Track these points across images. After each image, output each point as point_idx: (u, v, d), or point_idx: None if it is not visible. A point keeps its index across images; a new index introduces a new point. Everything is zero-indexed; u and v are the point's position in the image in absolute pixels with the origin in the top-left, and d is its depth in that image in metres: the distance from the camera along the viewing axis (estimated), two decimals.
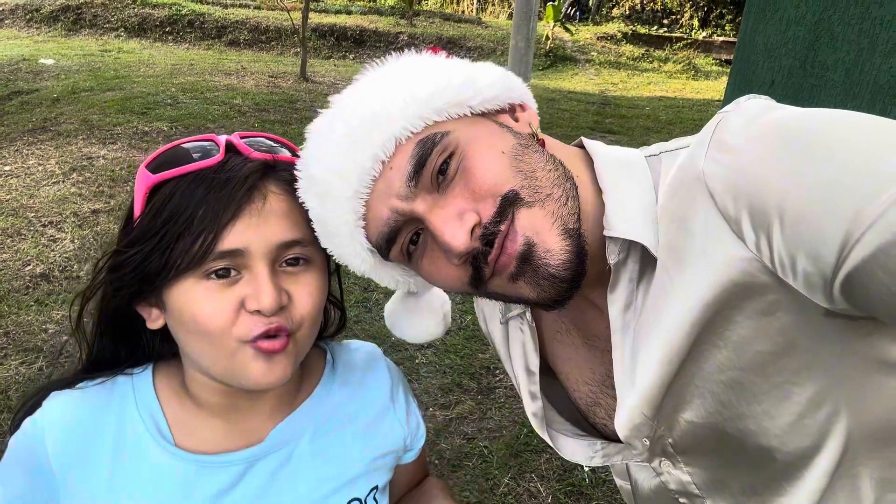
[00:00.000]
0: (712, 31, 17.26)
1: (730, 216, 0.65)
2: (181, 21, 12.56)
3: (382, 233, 0.76)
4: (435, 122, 0.74)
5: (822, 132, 0.60)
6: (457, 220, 0.72)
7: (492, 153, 0.73)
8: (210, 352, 0.76)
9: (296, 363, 0.80)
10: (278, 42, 12.41)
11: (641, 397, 0.78)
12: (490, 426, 2.73)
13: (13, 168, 5.15)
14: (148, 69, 9.06)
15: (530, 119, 0.83)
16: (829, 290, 0.59)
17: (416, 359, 3.16)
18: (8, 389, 2.77)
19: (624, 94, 11.04)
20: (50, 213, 4.43)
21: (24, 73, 8.29)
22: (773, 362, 0.68)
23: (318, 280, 0.81)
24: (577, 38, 14.79)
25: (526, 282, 0.73)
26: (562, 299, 0.74)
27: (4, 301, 3.42)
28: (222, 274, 0.74)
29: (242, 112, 7.08)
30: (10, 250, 3.96)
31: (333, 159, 0.75)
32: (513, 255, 0.72)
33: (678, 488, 0.85)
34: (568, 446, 0.94)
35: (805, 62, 2.58)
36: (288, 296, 0.77)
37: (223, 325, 0.74)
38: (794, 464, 0.73)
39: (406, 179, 0.73)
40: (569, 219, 0.73)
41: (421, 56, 0.81)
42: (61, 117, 6.32)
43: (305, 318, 0.79)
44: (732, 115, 0.68)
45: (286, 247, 0.77)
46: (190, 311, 0.74)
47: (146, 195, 0.77)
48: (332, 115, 0.78)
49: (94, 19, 12.36)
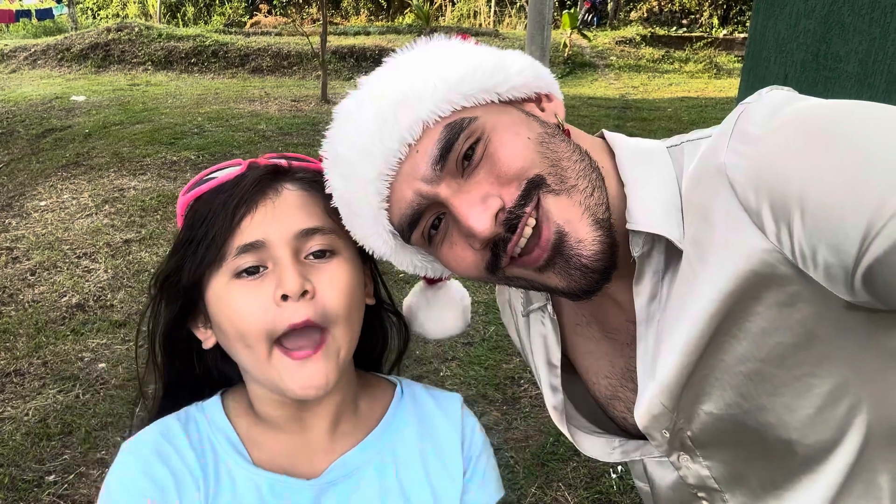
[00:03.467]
0: (733, 28, 17.06)
1: (751, 208, 0.64)
2: (205, 52, 12.87)
3: (405, 215, 0.76)
4: (463, 107, 0.74)
5: (844, 124, 0.60)
6: (480, 204, 0.72)
7: (518, 139, 0.73)
8: (249, 357, 0.79)
9: (337, 368, 0.80)
10: (300, 66, 12.63)
11: (661, 388, 0.77)
12: (516, 436, 2.73)
13: (48, 203, 5.34)
14: (175, 100, 9.30)
15: (556, 109, 0.83)
16: (851, 282, 0.59)
17: (440, 371, 3.18)
18: (47, 417, 2.87)
19: (645, 97, 10.96)
20: (84, 245, 4.57)
21: (57, 110, 8.58)
22: (793, 354, 0.68)
23: (345, 271, 0.82)
24: (595, 44, 14.75)
25: (556, 272, 0.73)
26: (591, 290, 0.74)
27: (42, 332, 3.54)
28: (252, 271, 0.78)
29: (266, 137, 7.22)
30: (47, 282, 4.10)
31: (360, 140, 0.75)
32: (545, 246, 0.71)
33: (697, 483, 0.85)
34: (586, 442, 0.94)
35: (817, 55, 2.56)
36: (313, 286, 0.78)
37: (257, 320, 0.76)
38: (814, 457, 0.73)
39: (432, 163, 0.73)
40: (597, 209, 0.73)
41: (451, 41, 0.81)
42: (93, 152, 6.53)
43: (337, 311, 0.79)
44: (754, 107, 0.68)
45: (307, 235, 0.79)
46: (225, 312, 0.78)
47: (183, 215, 0.84)
48: (360, 96, 0.79)
49: (122, 55, 12.74)
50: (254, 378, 0.83)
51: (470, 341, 3.46)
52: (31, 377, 3.17)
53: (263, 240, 0.77)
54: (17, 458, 2.62)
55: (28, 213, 5.16)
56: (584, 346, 0.95)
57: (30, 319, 3.67)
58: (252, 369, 0.81)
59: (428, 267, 0.89)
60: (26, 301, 3.88)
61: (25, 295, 3.95)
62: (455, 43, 0.81)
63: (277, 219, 0.79)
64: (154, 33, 13.36)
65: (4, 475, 2.53)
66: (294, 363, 0.77)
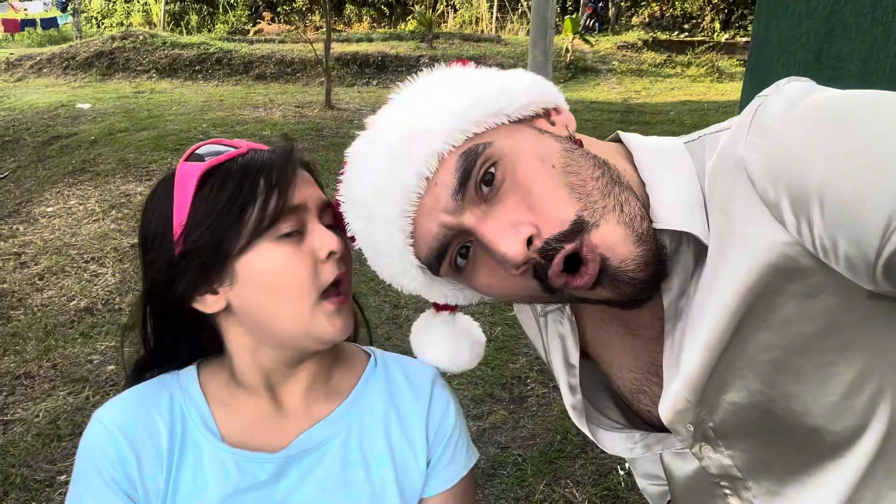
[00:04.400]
0: (735, 32, 17.09)
1: (770, 201, 0.64)
2: (209, 59, 12.93)
3: (432, 248, 0.76)
4: (475, 133, 0.74)
5: (862, 114, 0.60)
6: (511, 229, 0.71)
7: (544, 168, 0.73)
8: (291, 312, 0.84)
9: (352, 318, 0.90)
10: (303, 73, 12.68)
11: (685, 384, 0.77)
12: (523, 434, 2.74)
13: (56, 209, 5.37)
14: (180, 107, 9.35)
15: (566, 121, 0.82)
16: (873, 273, 0.59)
17: (446, 371, 3.19)
18: (57, 419, 2.89)
19: (647, 101, 10.98)
20: (91, 250, 4.60)
21: (62, 118, 8.63)
22: (815, 343, 0.68)
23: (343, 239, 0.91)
24: (597, 49, 14.79)
25: (604, 287, 0.73)
26: (641, 299, 0.74)
27: (52, 335, 3.56)
28: (292, 234, 0.84)
29: None
30: (56, 287, 4.13)
31: (376, 180, 0.75)
32: (591, 277, 0.71)
33: (719, 472, 0.84)
34: (607, 439, 0.93)
35: (820, 55, 2.58)
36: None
37: (308, 276, 0.83)
38: (840, 444, 0.73)
39: (452, 193, 0.72)
40: (634, 222, 0.72)
41: (451, 70, 0.81)
42: (99, 158, 6.57)
43: (349, 271, 0.89)
44: (772, 99, 0.68)
45: (326, 206, 0.89)
46: (273, 273, 0.82)
47: (198, 182, 0.82)
48: (370, 136, 0.79)
49: (126, 63, 12.82)
50: (278, 332, 0.86)
51: None
52: (40, 380, 3.19)
53: (305, 203, 0.85)
54: (29, 459, 2.64)
55: (35, 219, 5.20)
56: (608, 340, 0.94)
57: (39, 323, 3.69)
58: (287, 325, 0.85)
59: (459, 295, 0.89)
60: (35, 305, 3.91)
61: (34, 299, 3.98)
62: (456, 71, 0.81)
63: (308, 188, 0.87)
64: (158, 41, 13.44)
65: (16, 475, 2.55)
66: (334, 309, 0.86)
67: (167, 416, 0.88)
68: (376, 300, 3.90)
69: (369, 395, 0.96)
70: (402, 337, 3.50)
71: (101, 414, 0.87)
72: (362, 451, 0.92)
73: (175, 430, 0.87)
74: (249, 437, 0.90)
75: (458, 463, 0.98)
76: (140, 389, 0.91)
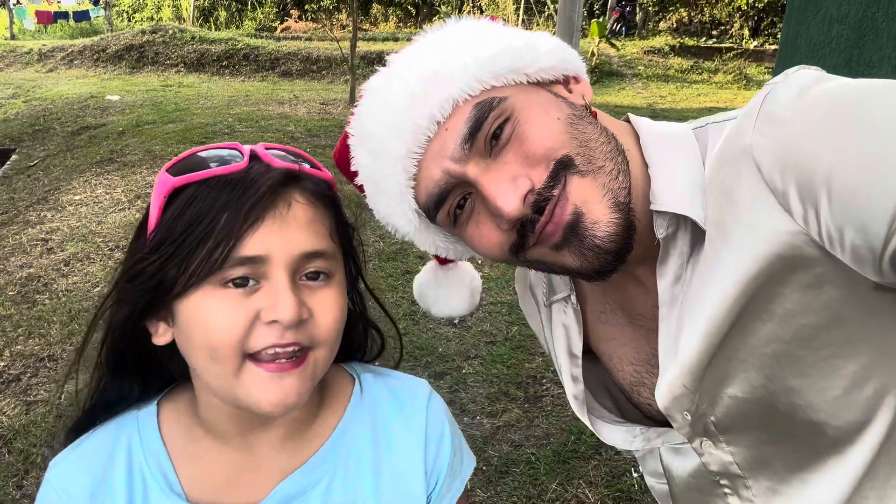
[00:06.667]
0: (764, 40, 16.90)
1: (777, 189, 0.64)
2: (237, 55, 13.09)
3: (433, 194, 0.76)
4: (493, 86, 0.74)
5: (872, 104, 0.59)
6: (510, 184, 0.71)
7: (547, 118, 0.73)
8: (214, 368, 0.71)
9: (310, 388, 0.74)
10: (329, 71, 12.78)
11: (682, 368, 0.77)
12: (537, 433, 2.74)
13: (83, 197, 5.47)
14: (206, 101, 9.46)
15: (584, 91, 0.83)
16: (879, 264, 0.58)
17: (462, 369, 3.20)
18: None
19: (673, 107, 10.90)
20: (116, 238, 4.68)
21: (92, 109, 8.78)
22: (818, 336, 0.67)
23: (339, 297, 0.77)
24: (623, 53, 14.71)
25: (570, 251, 0.73)
26: (605, 271, 0.74)
27: (75, 320, 3.63)
28: (240, 283, 0.70)
29: (295, 138, 7.31)
30: (80, 273, 4.20)
31: (390, 117, 0.75)
32: (560, 224, 0.72)
33: (720, 469, 0.83)
34: (607, 431, 0.93)
35: (850, 60, 2.55)
36: (309, 311, 0.72)
37: (235, 336, 0.69)
38: (842, 438, 0.72)
39: (461, 142, 0.72)
40: (619, 192, 0.72)
41: (480, 21, 0.81)
42: (126, 149, 6.67)
43: (326, 337, 0.74)
44: (781, 87, 0.67)
45: (308, 258, 0.73)
46: (202, 322, 0.70)
47: (165, 199, 0.73)
48: (389, 73, 0.78)
49: (155, 56, 13.02)
50: (212, 390, 0.75)
51: (493, 340, 3.48)
52: (64, 363, 3.25)
53: (265, 255, 0.70)
54: (50, 439, 2.69)
55: (63, 207, 5.30)
56: (609, 333, 0.94)
57: (63, 308, 3.76)
58: (213, 381, 0.73)
59: (450, 248, 0.89)
60: (60, 290, 3.99)
61: (59, 284, 4.06)
62: (484, 23, 0.81)
63: (284, 236, 0.71)
64: (187, 36, 13.64)
65: (37, 454, 2.61)
66: (268, 375, 0.70)
67: (124, 477, 0.78)
68: (394, 296, 3.92)
69: (354, 430, 0.85)
70: (419, 333, 3.51)
71: (53, 474, 0.79)
72: (347, 497, 0.82)
73: (135, 493, 0.78)
74: (219, 494, 0.79)
75: (459, 481, 0.90)
76: (95, 442, 0.81)
